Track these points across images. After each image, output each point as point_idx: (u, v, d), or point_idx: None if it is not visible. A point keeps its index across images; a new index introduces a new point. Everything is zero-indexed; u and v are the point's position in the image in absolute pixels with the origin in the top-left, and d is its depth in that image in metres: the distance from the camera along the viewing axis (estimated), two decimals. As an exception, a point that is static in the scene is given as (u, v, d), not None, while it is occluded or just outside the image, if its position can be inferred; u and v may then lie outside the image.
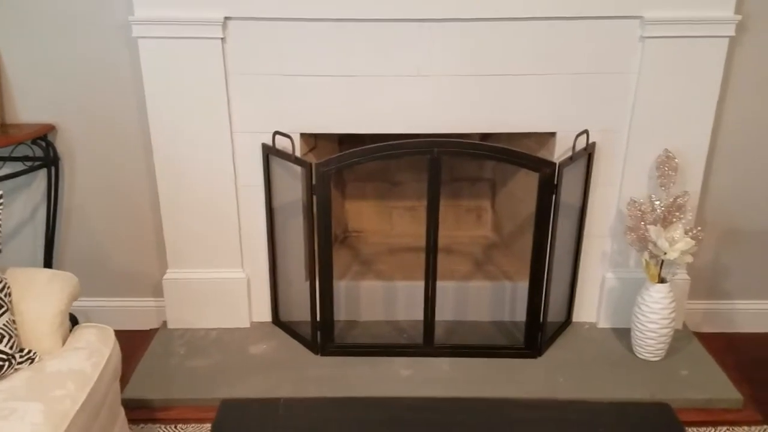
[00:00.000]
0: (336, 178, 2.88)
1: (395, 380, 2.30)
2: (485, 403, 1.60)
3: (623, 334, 2.53)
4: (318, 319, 2.39)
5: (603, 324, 2.61)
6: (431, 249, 2.27)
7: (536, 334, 2.39)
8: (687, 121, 2.33)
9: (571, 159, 2.24)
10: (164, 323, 2.62)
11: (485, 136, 2.66)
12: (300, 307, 2.52)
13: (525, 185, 2.71)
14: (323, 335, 2.40)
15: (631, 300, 2.50)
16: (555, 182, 2.20)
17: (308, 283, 2.44)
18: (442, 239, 2.28)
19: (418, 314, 2.46)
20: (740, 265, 2.63)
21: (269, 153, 2.38)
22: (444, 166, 2.87)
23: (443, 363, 2.39)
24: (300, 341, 2.49)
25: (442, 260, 2.33)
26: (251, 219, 2.49)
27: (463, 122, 2.35)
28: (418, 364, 2.38)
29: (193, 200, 2.44)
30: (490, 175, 2.94)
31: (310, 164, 2.20)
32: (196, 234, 2.49)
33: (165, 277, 2.54)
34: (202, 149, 2.37)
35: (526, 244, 2.72)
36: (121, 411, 1.87)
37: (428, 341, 2.40)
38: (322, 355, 2.42)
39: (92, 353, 1.70)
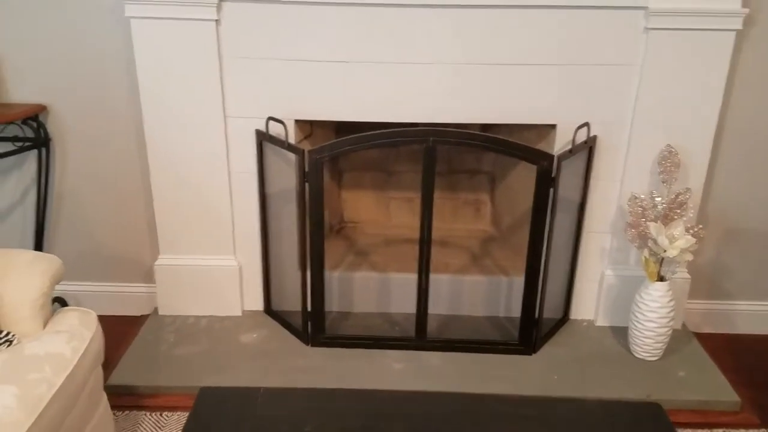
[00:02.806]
0: (333, 167, 2.84)
1: (386, 373, 2.26)
2: (472, 398, 1.56)
3: (621, 333, 2.48)
4: (309, 309, 2.35)
5: (601, 322, 2.56)
6: (425, 240, 2.22)
7: (531, 330, 2.34)
8: (691, 116, 2.27)
9: (570, 152, 2.18)
10: (155, 309, 2.59)
11: (485, 128, 2.61)
12: (292, 297, 2.48)
13: (524, 179, 2.65)
14: (314, 326, 2.36)
15: (630, 298, 2.46)
16: (553, 175, 2.14)
17: (300, 272, 2.40)
18: (439, 232, 2.24)
19: (411, 307, 2.42)
20: (742, 265, 2.57)
21: (263, 139, 2.33)
22: (442, 157, 2.85)
23: (435, 357, 2.34)
24: (291, 331, 2.46)
25: (438, 253, 2.28)
26: (244, 206, 2.45)
27: (463, 112, 2.30)
28: (409, 357, 2.34)
29: (186, 185, 2.40)
30: (490, 167, 2.89)
31: (303, 151, 2.15)
32: (188, 220, 2.45)
33: (156, 262, 2.51)
34: (195, 134, 2.33)
35: (524, 238, 2.67)
36: (104, 397, 1.84)
37: (420, 335, 2.36)
38: (313, 345, 2.38)
39: (73, 337, 1.66)
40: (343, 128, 2.72)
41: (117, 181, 2.50)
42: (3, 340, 1.59)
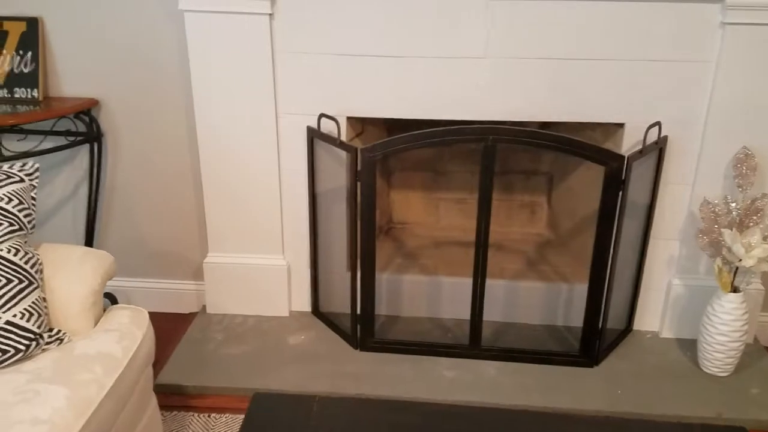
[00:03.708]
0: (382, 166, 2.76)
1: (438, 382, 2.16)
2: (533, 415, 1.46)
3: (688, 346, 2.34)
4: (358, 312, 2.27)
5: (666, 334, 2.42)
6: (481, 244, 2.13)
7: (594, 341, 2.22)
8: (761, 119, 2.12)
9: (641, 153, 2.06)
10: (204, 308, 2.56)
11: (544, 126, 2.49)
12: (341, 299, 2.41)
13: (586, 180, 2.53)
14: (363, 330, 2.29)
15: (699, 309, 2.32)
16: (623, 177, 2.02)
17: (350, 273, 2.34)
18: (493, 235, 2.14)
19: (463, 313, 2.34)
20: (822, 276, 2.39)
21: (314, 136, 2.27)
22: (498, 156, 2.74)
23: (490, 367, 2.24)
24: (339, 334, 2.39)
25: (492, 257, 2.18)
26: (294, 205, 2.40)
27: (522, 110, 2.20)
28: (462, 366, 2.24)
29: (236, 182, 2.36)
30: (548, 168, 2.77)
31: (356, 149, 2.08)
32: (237, 217, 2.41)
33: (206, 260, 2.47)
34: (247, 130, 2.28)
35: (584, 244, 2.56)
36: (153, 398, 1.79)
37: (474, 342, 2.26)
38: (362, 350, 2.31)
39: (124, 336, 1.62)
40: (395, 127, 2.64)
41: (168, 178, 2.47)
42: (54, 338, 1.56)
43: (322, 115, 2.20)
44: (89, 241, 2.45)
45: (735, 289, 2.13)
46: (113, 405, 1.48)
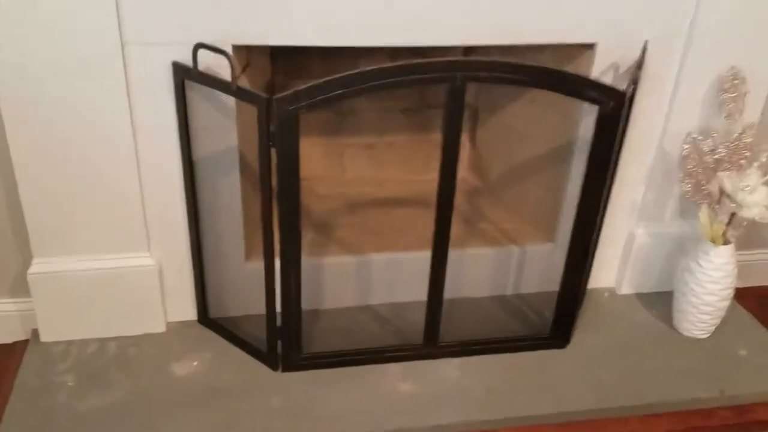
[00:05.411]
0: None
1: (396, 401, 1.63)
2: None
3: (653, 302, 2.04)
4: (278, 322, 1.64)
5: (625, 290, 2.09)
6: (445, 210, 1.57)
7: (568, 317, 1.82)
8: (754, 35, 1.76)
9: (634, 83, 1.61)
10: (34, 333, 1.77)
11: (467, 51, 1.97)
12: (240, 299, 1.80)
13: (526, 115, 2.06)
14: (286, 344, 1.67)
15: (662, 260, 2.02)
16: (621, 118, 1.56)
17: (250, 265, 1.74)
18: (412, 185, 1.63)
19: (400, 296, 1.90)
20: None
21: (186, 78, 1.53)
22: (414, 89, 2.20)
23: (449, 366, 1.75)
24: (246, 350, 1.74)
25: (418, 216, 1.64)
26: (159, 179, 1.66)
27: (462, 31, 1.61)
28: (417, 371, 1.72)
29: (67, 156, 1.56)
30: (471, 100, 2.25)
31: (267, 99, 1.39)
32: (73, 206, 1.63)
33: (30, 270, 1.67)
34: (77, 74, 1.48)
35: (524, 192, 2.13)
36: None
37: (430, 338, 1.74)
38: (284, 370, 1.70)
39: None
40: (280, 55, 1.96)
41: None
42: None
43: (199, 46, 1.46)
44: None
45: (725, 241, 1.81)
46: None
